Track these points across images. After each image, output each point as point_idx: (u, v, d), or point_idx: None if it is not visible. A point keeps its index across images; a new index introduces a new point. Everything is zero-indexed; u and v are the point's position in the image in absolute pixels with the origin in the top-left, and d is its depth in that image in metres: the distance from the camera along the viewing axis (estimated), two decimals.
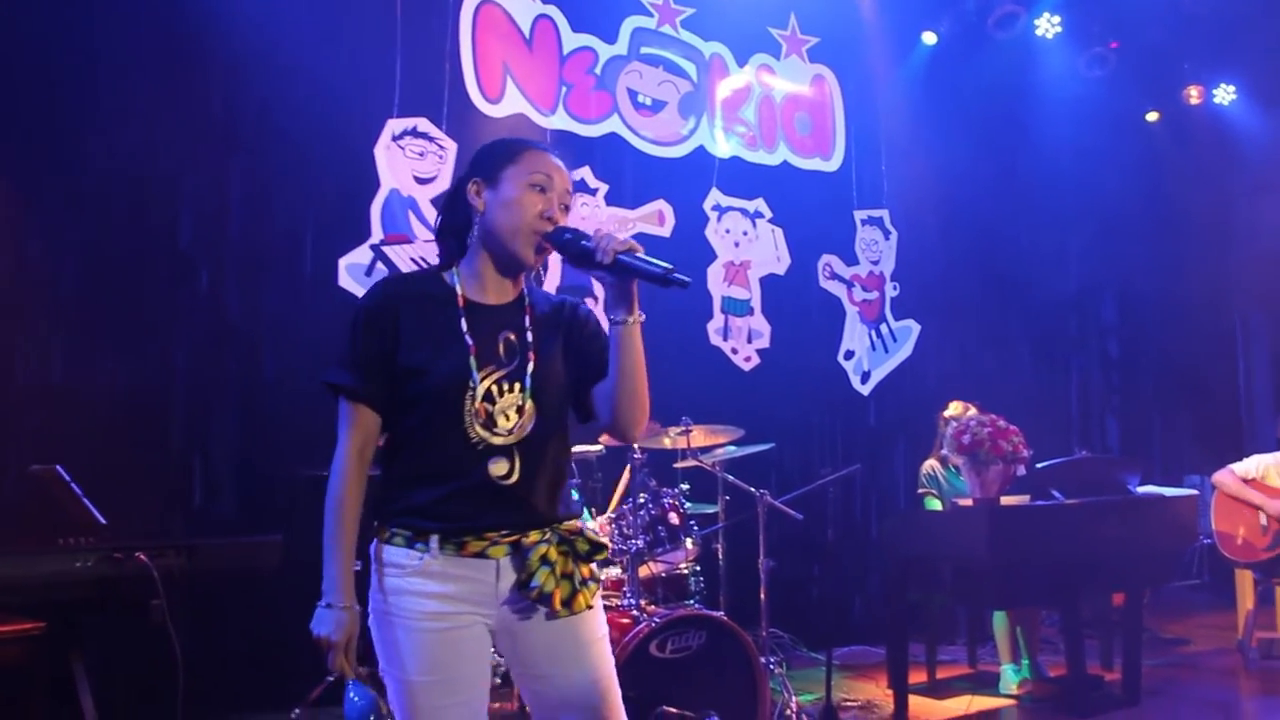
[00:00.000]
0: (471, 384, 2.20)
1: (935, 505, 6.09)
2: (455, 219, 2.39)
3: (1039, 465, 5.60)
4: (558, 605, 2.21)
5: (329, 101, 5.92)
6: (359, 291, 5.98)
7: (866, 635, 7.32)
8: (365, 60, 6.15)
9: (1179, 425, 10.32)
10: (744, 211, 7.65)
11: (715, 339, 7.46)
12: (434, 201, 6.26)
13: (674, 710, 3.89)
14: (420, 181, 6.29)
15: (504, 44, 6.67)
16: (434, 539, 2.18)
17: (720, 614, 4.31)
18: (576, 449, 5.07)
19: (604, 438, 4.94)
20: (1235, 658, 6.78)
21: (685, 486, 5.08)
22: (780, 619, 6.34)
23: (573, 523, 2.32)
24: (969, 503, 5.38)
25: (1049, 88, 8.90)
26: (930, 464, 6.30)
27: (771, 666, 4.87)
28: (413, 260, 6.18)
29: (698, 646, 4.13)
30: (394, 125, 6.21)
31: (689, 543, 4.91)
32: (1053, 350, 9.43)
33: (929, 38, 8.35)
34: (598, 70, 7.05)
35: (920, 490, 6.27)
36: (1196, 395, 9.92)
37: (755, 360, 7.53)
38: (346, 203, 6.09)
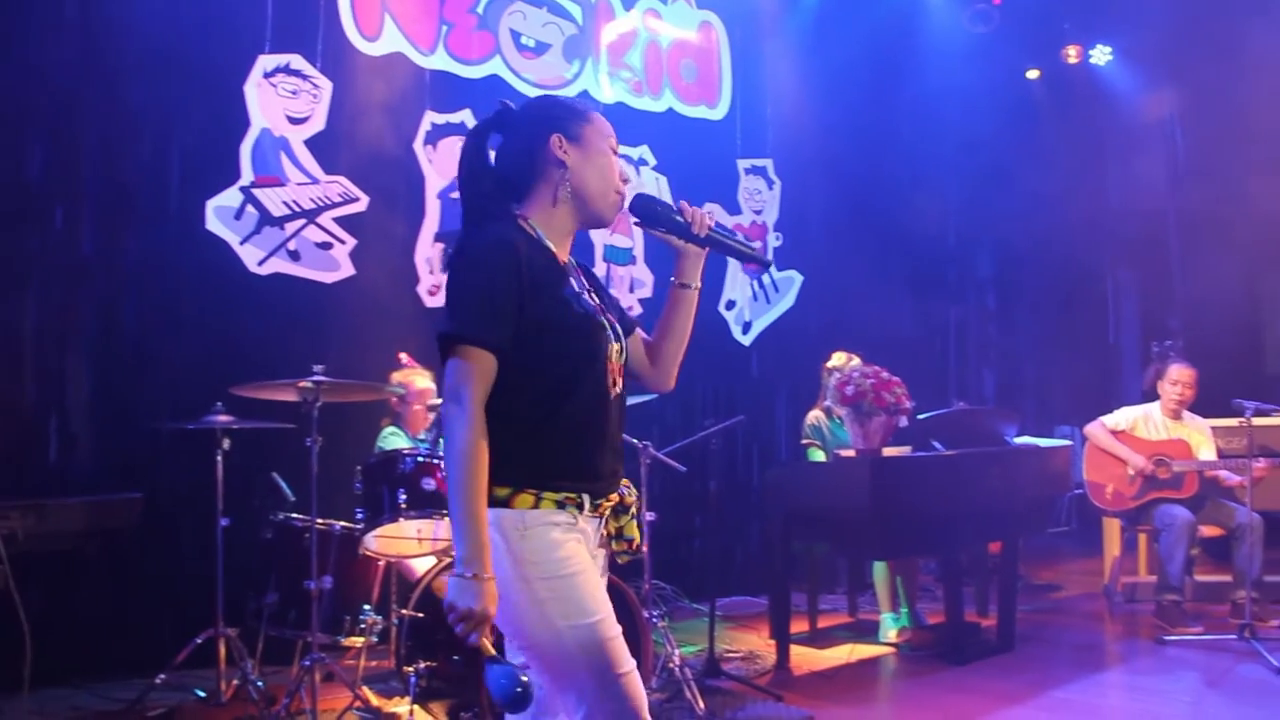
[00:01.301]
0: (608, 342, 2.25)
1: (818, 456, 6.10)
2: (509, 178, 2.33)
3: (920, 416, 5.63)
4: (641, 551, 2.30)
5: (195, 32, 5.60)
6: (228, 236, 5.71)
7: (749, 586, 7.34)
8: None
9: (1051, 377, 10.56)
10: (628, 158, 7.51)
11: None
12: (308, 143, 6.00)
13: None
14: (294, 121, 6.01)
15: None
16: (586, 500, 2.20)
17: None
18: None
19: None
20: (1102, 602, 6.98)
21: None
22: (663, 571, 6.31)
23: (626, 479, 2.37)
24: (852, 453, 5.38)
25: (933, 42, 8.94)
26: (814, 415, 6.30)
27: (654, 619, 4.81)
28: (285, 204, 5.91)
29: None
30: (265, 62, 5.91)
31: None
32: (932, 302, 9.54)
33: None
34: (479, 9, 6.81)
35: (804, 441, 6.27)
36: (1068, 348, 10.15)
37: (638, 310, 7.43)
38: (214, 142, 5.77)
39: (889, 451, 5.37)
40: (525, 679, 1.99)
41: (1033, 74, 9.84)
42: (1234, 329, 9.05)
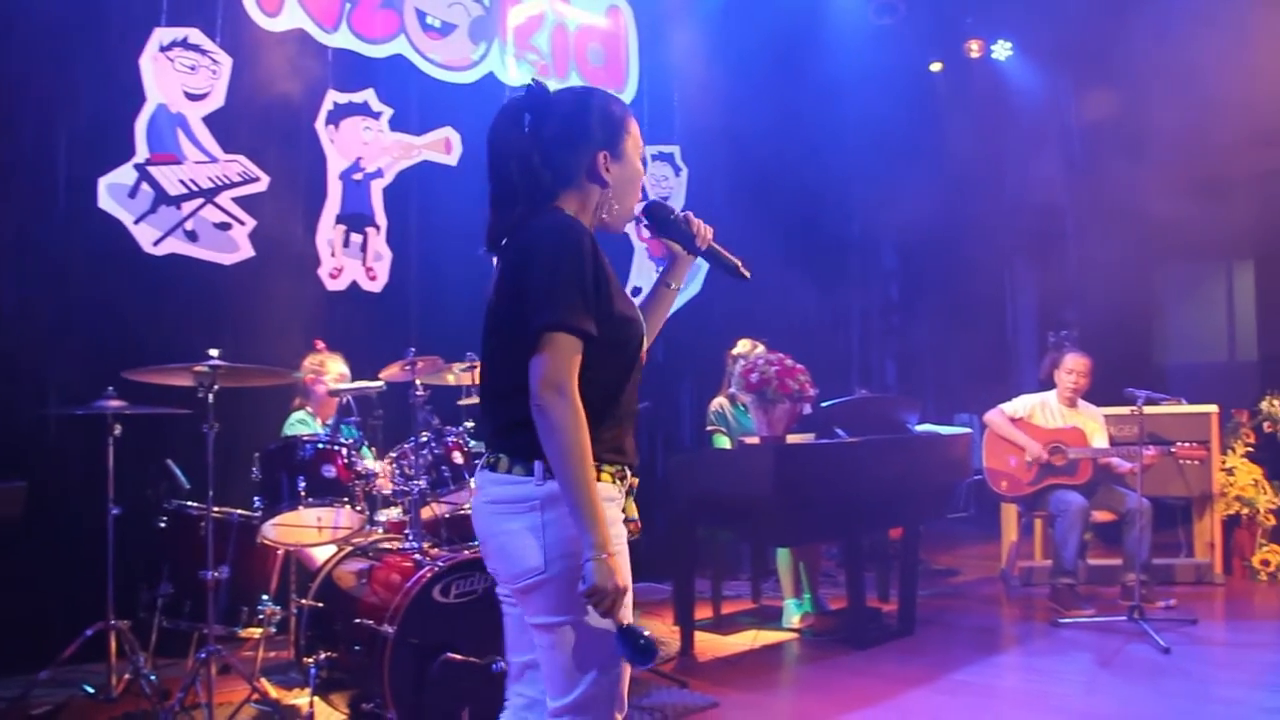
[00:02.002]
0: (644, 339, 2.38)
1: (723, 443, 6.12)
2: (553, 172, 2.33)
3: (823, 404, 5.67)
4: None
5: (87, 1, 5.40)
6: (121, 214, 5.52)
7: (653, 572, 7.33)
8: None
9: (950, 366, 10.75)
10: None
11: None
12: (206, 120, 5.82)
13: (459, 657, 3.74)
14: (191, 98, 5.82)
15: None
16: (628, 471, 2.30)
17: None
18: (356, 385, 4.83)
19: (385, 373, 4.70)
20: (999, 586, 7.14)
21: (469, 425, 4.90)
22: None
23: None
24: (756, 440, 5.41)
25: (839, 32, 9.01)
26: (719, 401, 6.32)
27: None
28: (182, 182, 5.73)
29: (483, 589, 3.98)
30: (162, 35, 5.71)
31: (473, 482, 4.72)
32: (836, 290, 9.63)
33: None
34: None
35: (709, 428, 6.28)
36: (967, 337, 10.32)
37: None
38: (107, 117, 5.56)
39: (793, 439, 5.42)
40: (647, 633, 2.12)
41: (935, 66, 9.99)
42: (1126, 320, 9.29)
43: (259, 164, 6.03)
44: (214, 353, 4.16)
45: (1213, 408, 7.02)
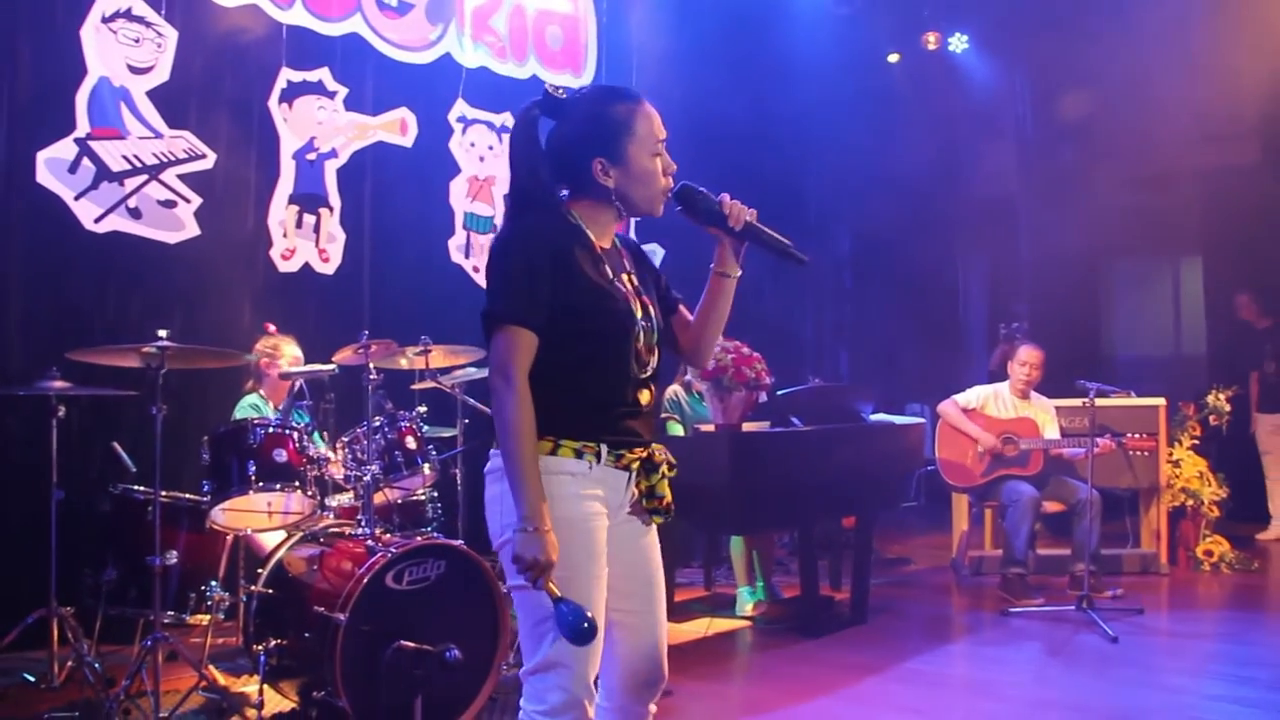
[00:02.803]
0: (635, 327, 2.41)
1: (677, 430, 6.09)
2: (562, 173, 2.46)
3: (779, 392, 5.66)
4: (672, 510, 2.50)
5: None
6: (61, 190, 5.38)
7: None
8: None
9: (903, 356, 10.81)
10: (490, 125, 7.37)
11: (456, 256, 7.20)
12: (150, 95, 5.69)
13: (412, 645, 3.68)
14: (135, 71, 5.69)
15: None
16: (603, 448, 2.37)
17: (459, 542, 4.13)
18: (308, 368, 4.74)
19: (338, 356, 4.62)
20: (949, 575, 7.19)
21: (423, 409, 4.84)
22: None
23: (659, 444, 2.55)
24: (711, 428, 5.39)
25: (799, 20, 9.00)
26: (673, 389, 6.29)
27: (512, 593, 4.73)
28: (125, 158, 5.59)
29: (436, 577, 3.93)
30: (104, 4, 5.58)
31: (426, 468, 4.68)
32: (791, 279, 9.63)
33: None
34: None
35: (663, 415, 6.25)
36: (919, 328, 10.38)
37: None
38: (46, 89, 5.43)
39: (748, 427, 5.40)
40: (590, 614, 2.20)
41: (893, 57, 10.01)
42: (1076, 313, 9.39)
43: (206, 141, 5.91)
44: (163, 333, 4.06)
45: (1160, 401, 7.11)
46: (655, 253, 7.87)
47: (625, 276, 2.48)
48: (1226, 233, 9.07)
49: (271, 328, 5.23)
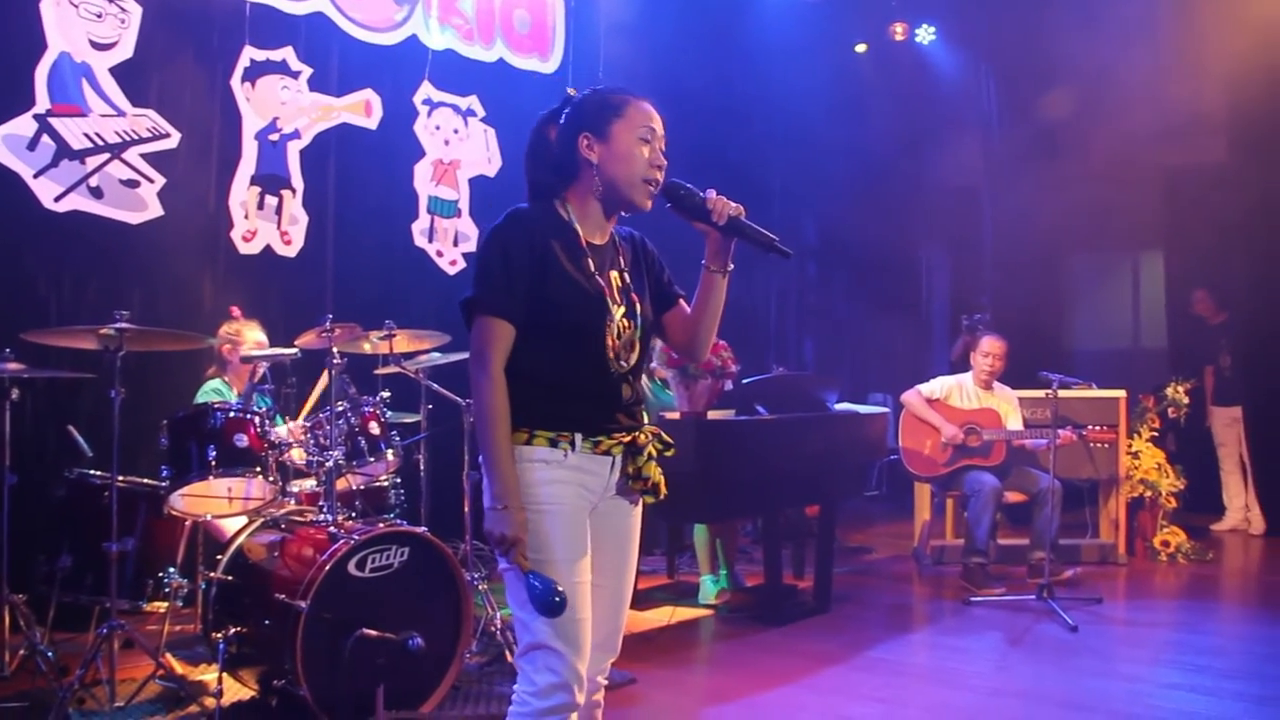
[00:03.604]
0: (610, 321, 2.48)
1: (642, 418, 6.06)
2: (558, 165, 2.56)
3: (744, 381, 5.66)
4: (663, 491, 2.58)
5: None
6: (19, 167, 5.28)
7: None
8: None
9: (866, 346, 10.86)
10: (456, 108, 7.31)
11: (420, 240, 7.14)
12: (113, 72, 5.58)
13: (374, 633, 3.65)
14: (97, 47, 5.58)
15: None
16: (578, 438, 2.44)
17: (422, 529, 4.08)
18: (269, 352, 4.68)
19: (301, 340, 4.57)
20: (911, 564, 7.23)
21: (386, 394, 4.79)
22: (483, 532, 6.19)
23: (653, 426, 2.65)
24: (676, 416, 5.37)
25: (768, 9, 8.99)
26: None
27: (475, 581, 4.70)
28: (86, 136, 5.49)
29: (399, 564, 3.90)
30: None
31: (390, 454, 4.64)
32: (755, 268, 9.64)
33: None
34: None
35: None
36: (883, 318, 10.42)
37: (461, 264, 7.27)
38: (4, 63, 5.31)
39: (713, 415, 5.39)
40: (561, 589, 2.30)
41: (860, 48, 10.03)
42: (1038, 305, 9.45)
43: (170, 120, 5.81)
44: (121, 314, 3.98)
45: (1121, 393, 7.17)
46: None
47: (613, 274, 2.54)
48: (1188, 228, 9.17)
49: (236, 311, 5.15)
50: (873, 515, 9.10)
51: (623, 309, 2.51)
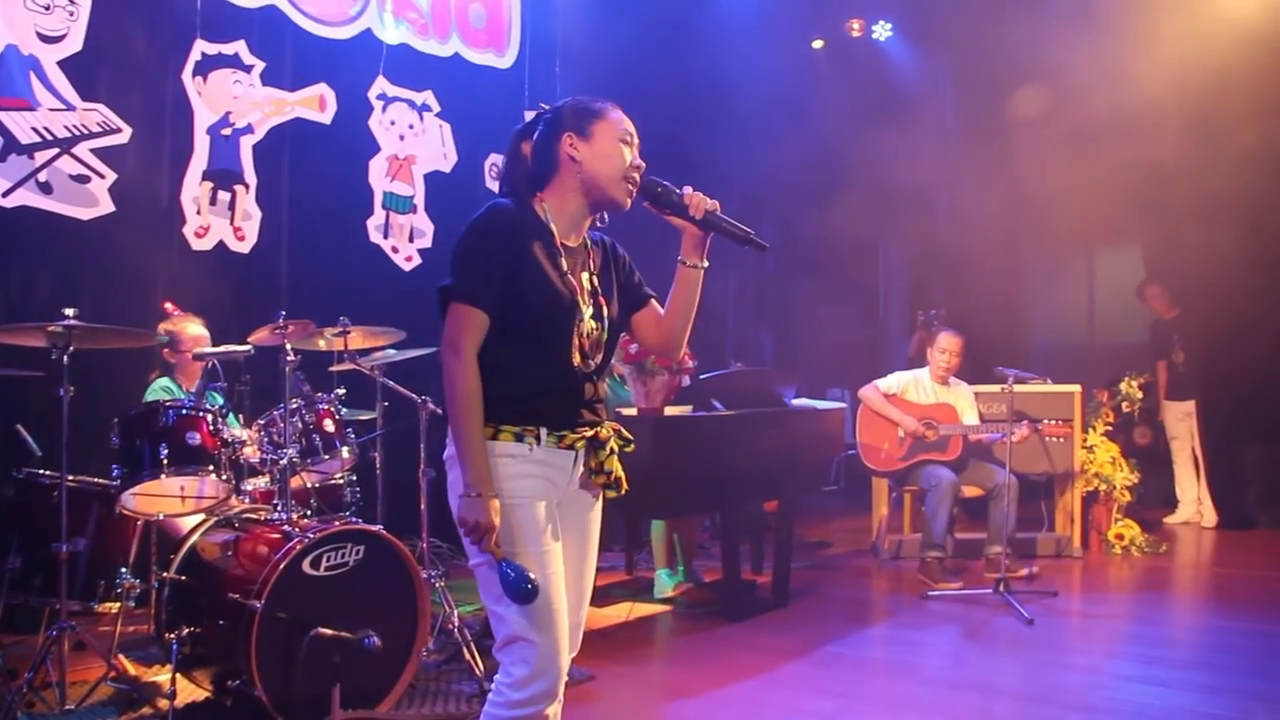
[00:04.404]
0: (579, 321, 2.52)
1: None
2: (535, 170, 2.60)
3: (702, 376, 5.66)
4: (625, 485, 2.61)
5: None
6: None
7: None
8: None
9: (823, 341, 10.90)
10: (411, 103, 7.26)
11: (375, 236, 7.08)
12: (62, 65, 5.49)
13: (329, 632, 3.61)
14: (45, 39, 5.49)
15: None
16: (543, 432, 2.48)
17: (378, 527, 4.05)
18: (222, 349, 4.62)
19: (254, 337, 4.51)
20: (869, 559, 7.26)
21: (341, 391, 4.75)
22: (440, 529, 6.16)
23: (613, 422, 2.67)
24: (634, 412, 5.36)
25: (723, 4, 8.97)
26: None
27: (432, 579, 4.67)
28: (35, 130, 5.40)
29: (354, 562, 3.86)
30: None
31: (345, 451, 4.60)
32: (714, 263, 9.61)
33: None
34: None
35: None
36: (840, 313, 10.47)
37: (417, 260, 7.22)
38: None
39: (671, 411, 5.38)
40: (534, 576, 2.34)
41: (817, 44, 10.06)
42: (994, 300, 9.52)
43: (120, 114, 5.73)
44: (70, 312, 3.91)
45: (1076, 387, 7.24)
46: None
47: (585, 275, 2.59)
48: (1143, 224, 9.27)
49: (170, 307, 5.07)
50: (830, 510, 9.14)
51: (591, 310, 2.56)
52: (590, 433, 2.56)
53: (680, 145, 8.70)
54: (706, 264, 2.66)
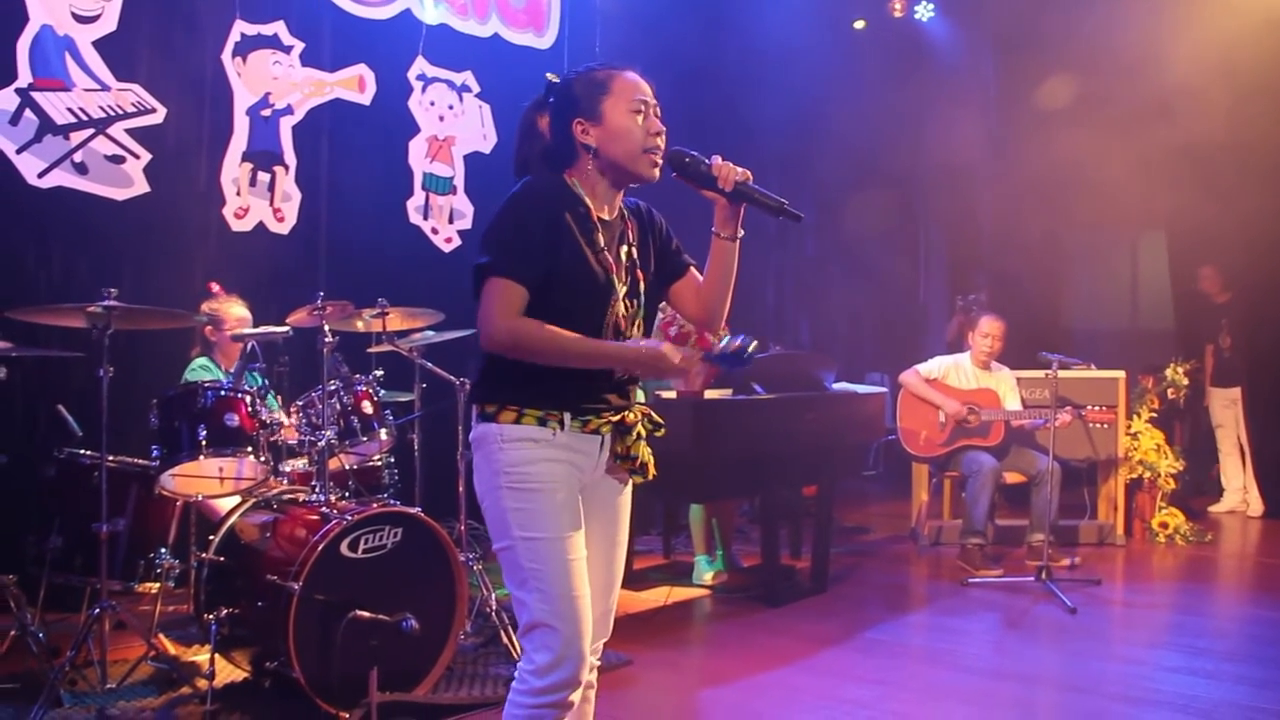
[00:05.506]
0: (614, 299, 2.46)
1: (638, 397, 6.01)
2: (554, 152, 2.53)
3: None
4: (652, 471, 2.58)
5: None
6: (2, 143, 5.19)
7: None
8: None
9: (863, 325, 10.80)
10: (450, 84, 7.23)
11: (415, 217, 7.06)
12: (97, 45, 5.49)
13: (367, 614, 3.61)
14: (80, 20, 5.49)
15: None
16: (566, 417, 2.41)
17: (416, 509, 4.04)
18: (261, 330, 4.62)
19: (293, 318, 4.51)
20: (908, 544, 7.20)
21: (380, 373, 4.74)
22: (477, 512, 6.15)
23: (643, 405, 2.63)
24: (673, 395, 5.33)
25: None
26: None
27: (470, 561, 4.66)
28: (70, 111, 5.41)
29: (392, 544, 3.85)
30: None
31: (383, 433, 4.59)
32: (752, 246, 9.55)
33: None
34: None
35: None
36: (879, 297, 10.37)
37: (456, 241, 7.20)
38: None
39: (710, 394, 5.34)
40: (739, 343, 2.40)
41: (859, 24, 9.95)
42: (1036, 284, 9.40)
43: (156, 95, 5.73)
44: (110, 292, 3.91)
45: (1120, 373, 7.12)
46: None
47: (622, 250, 2.53)
48: (1191, 207, 9.09)
49: (215, 287, 5.08)
50: (870, 495, 9.07)
51: (626, 288, 2.50)
52: (616, 417, 2.50)
53: (719, 125, 8.65)
54: (741, 234, 2.57)
